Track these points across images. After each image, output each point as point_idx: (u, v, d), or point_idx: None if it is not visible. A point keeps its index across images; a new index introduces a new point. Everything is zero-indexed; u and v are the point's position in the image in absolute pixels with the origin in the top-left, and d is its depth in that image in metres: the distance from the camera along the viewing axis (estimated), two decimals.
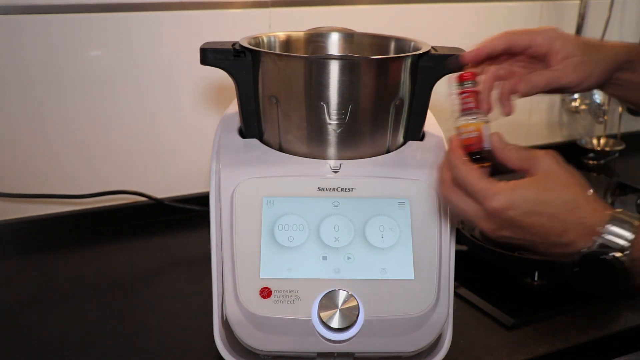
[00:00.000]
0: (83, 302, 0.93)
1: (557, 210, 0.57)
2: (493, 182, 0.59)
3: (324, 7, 1.24)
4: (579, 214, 0.57)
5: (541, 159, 0.60)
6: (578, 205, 0.57)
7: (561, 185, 0.58)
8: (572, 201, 0.57)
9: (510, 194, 0.58)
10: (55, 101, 1.09)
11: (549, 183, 0.58)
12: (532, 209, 0.57)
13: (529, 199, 0.57)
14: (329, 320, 0.67)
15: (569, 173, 0.59)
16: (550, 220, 0.57)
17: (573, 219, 0.57)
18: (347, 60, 0.70)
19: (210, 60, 0.74)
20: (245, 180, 0.71)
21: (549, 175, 0.59)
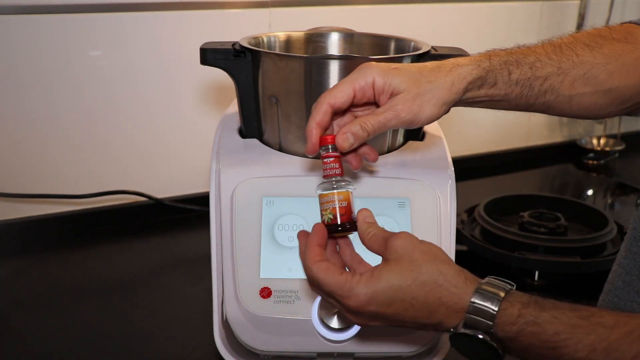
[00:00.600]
0: (83, 302, 0.93)
1: (417, 294, 0.55)
2: (347, 278, 0.56)
3: (324, 7, 1.24)
4: (439, 294, 0.55)
5: (393, 241, 0.57)
6: (437, 284, 0.55)
7: (415, 267, 0.55)
8: (431, 282, 0.55)
9: (365, 289, 0.55)
10: (56, 101, 1.09)
11: (402, 267, 0.55)
12: (392, 297, 0.55)
13: (388, 289, 0.55)
14: (329, 320, 0.67)
15: (424, 252, 0.57)
16: (412, 305, 0.55)
17: (434, 299, 0.55)
18: (347, 60, 0.70)
19: (210, 60, 0.74)
20: (245, 180, 0.71)
21: (402, 258, 0.56)
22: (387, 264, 0.56)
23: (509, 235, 1.03)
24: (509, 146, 1.57)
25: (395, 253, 0.56)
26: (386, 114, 0.60)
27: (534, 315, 0.52)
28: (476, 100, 0.64)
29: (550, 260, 0.98)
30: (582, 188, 1.51)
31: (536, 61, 0.64)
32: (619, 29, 0.67)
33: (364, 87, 0.60)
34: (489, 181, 1.48)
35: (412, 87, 0.60)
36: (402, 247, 0.56)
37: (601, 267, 0.97)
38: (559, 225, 1.06)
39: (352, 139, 0.59)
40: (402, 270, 0.55)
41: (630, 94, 0.66)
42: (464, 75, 0.61)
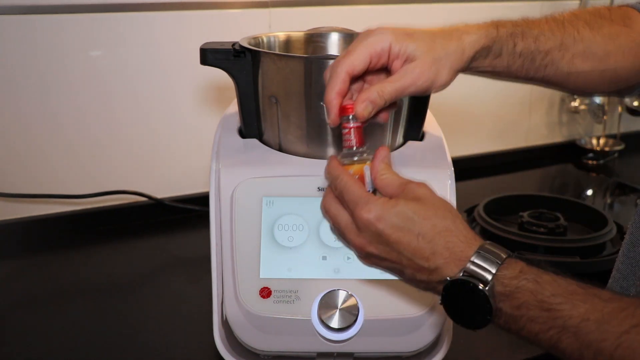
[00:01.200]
0: (83, 302, 0.93)
1: (426, 231, 0.55)
2: (369, 194, 0.58)
3: (324, 7, 1.24)
4: (448, 239, 0.55)
5: (416, 187, 0.58)
6: (448, 230, 0.55)
7: (434, 210, 0.56)
8: (442, 225, 0.55)
9: (382, 207, 0.56)
10: (55, 101, 1.09)
11: (422, 206, 0.56)
12: (402, 224, 0.55)
13: (400, 215, 0.55)
14: (329, 320, 0.67)
15: (443, 202, 0.58)
16: (418, 239, 0.55)
17: (441, 242, 0.55)
18: None
19: (210, 60, 0.74)
20: (245, 180, 0.71)
21: (420, 199, 0.57)
22: (410, 200, 0.57)
23: (509, 235, 1.03)
24: (508, 146, 1.57)
25: (414, 194, 0.57)
26: (403, 81, 0.60)
27: (535, 275, 0.53)
28: (479, 69, 0.65)
29: (550, 260, 0.98)
30: (581, 188, 1.51)
31: (540, 35, 0.65)
32: (617, 11, 0.69)
33: (380, 52, 0.60)
34: (489, 181, 1.48)
35: (427, 53, 0.60)
36: (423, 192, 0.57)
37: (601, 267, 0.97)
38: (559, 225, 1.07)
39: (370, 108, 0.59)
40: (418, 207, 0.56)
41: (624, 75, 0.68)
42: (472, 44, 0.62)
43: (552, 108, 1.60)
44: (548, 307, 0.51)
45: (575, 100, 1.57)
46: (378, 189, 0.59)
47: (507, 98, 1.52)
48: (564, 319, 0.51)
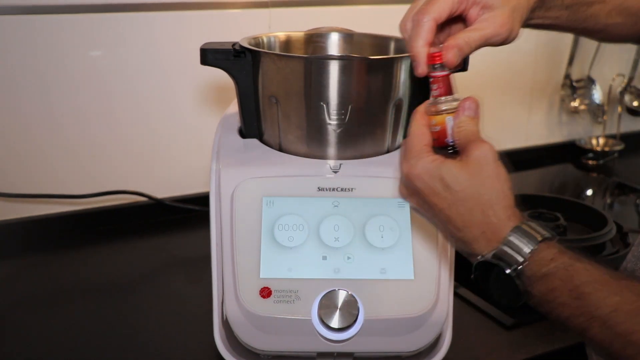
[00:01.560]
0: (83, 302, 0.93)
1: (462, 201, 0.55)
2: (426, 149, 0.57)
3: (324, 7, 1.24)
4: (486, 213, 0.54)
5: (476, 148, 0.56)
6: (488, 204, 0.54)
7: (480, 179, 0.55)
8: (483, 198, 0.54)
9: (424, 166, 0.56)
10: (55, 101, 1.09)
11: (468, 173, 0.55)
12: (439, 189, 0.55)
13: (440, 179, 0.55)
14: (329, 320, 0.67)
15: (496, 170, 0.56)
16: (451, 208, 0.55)
17: (478, 216, 0.54)
18: (346, 61, 0.70)
19: (210, 60, 0.74)
20: (245, 180, 0.71)
21: (474, 163, 0.55)
22: (459, 161, 0.56)
23: None
24: (508, 146, 1.57)
25: (471, 156, 0.56)
26: (487, 30, 0.60)
27: (568, 262, 0.52)
28: (530, 23, 0.66)
29: None
30: (581, 188, 1.51)
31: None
32: None
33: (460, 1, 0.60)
34: None
35: (505, 3, 0.61)
36: (482, 155, 0.56)
37: None
38: (559, 225, 1.07)
39: (459, 55, 0.59)
40: (463, 173, 0.55)
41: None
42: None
43: (552, 108, 1.60)
44: (578, 295, 0.51)
45: (575, 100, 1.57)
46: (454, 142, 0.59)
47: (507, 98, 1.52)
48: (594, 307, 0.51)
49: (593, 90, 1.57)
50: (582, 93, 1.57)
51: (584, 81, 1.57)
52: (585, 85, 1.57)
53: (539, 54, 1.51)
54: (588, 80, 1.57)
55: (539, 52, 1.51)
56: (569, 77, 1.56)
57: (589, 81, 1.57)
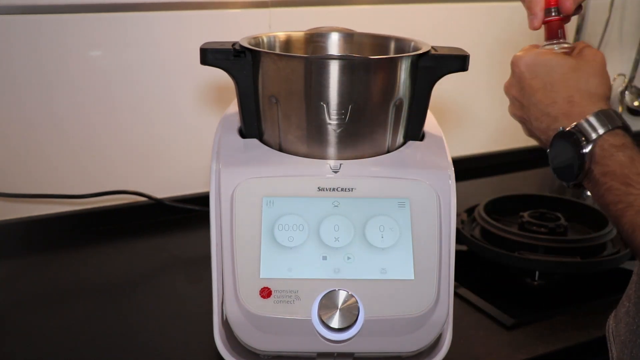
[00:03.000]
0: (83, 302, 0.93)
1: (556, 82, 0.61)
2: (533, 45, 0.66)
3: (324, 7, 1.24)
4: (573, 94, 0.61)
5: (593, 49, 0.63)
6: (578, 87, 0.61)
7: (578, 68, 0.62)
8: (575, 82, 0.61)
9: (531, 53, 0.64)
10: (55, 101, 1.09)
11: (569, 62, 0.62)
12: (539, 71, 0.62)
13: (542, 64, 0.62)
14: (329, 320, 0.67)
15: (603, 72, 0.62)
16: (545, 87, 0.62)
17: (565, 95, 0.61)
18: (347, 60, 0.70)
19: (210, 60, 0.74)
20: (245, 180, 0.71)
21: (587, 59, 0.63)
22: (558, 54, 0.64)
23: (509, 235, 1.03)
24: (509, 146, 1.57)
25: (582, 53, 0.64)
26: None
27: (632, 153, 0.58)
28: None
29: (550, 260, 0.98)
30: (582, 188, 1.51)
31: None
32: None
33: None
34: (489, 181, 1.48)
35: None
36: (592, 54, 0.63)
37: (601, 267, 0.97)
38: (559, 225, 1.06)
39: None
40: (564, 61, 0.62)
41: None
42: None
43: None
44: (627, 182, 0.56)
45: None
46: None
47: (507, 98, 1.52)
48: (634, 196, 0.55)
49: None
50: None
51: None
52: None
53: None
54: None
55: None
56: None
57: None
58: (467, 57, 0.74)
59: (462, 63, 0.74)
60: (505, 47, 1.45)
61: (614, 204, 0.57)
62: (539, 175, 1.57)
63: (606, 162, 0.57)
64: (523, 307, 0.94)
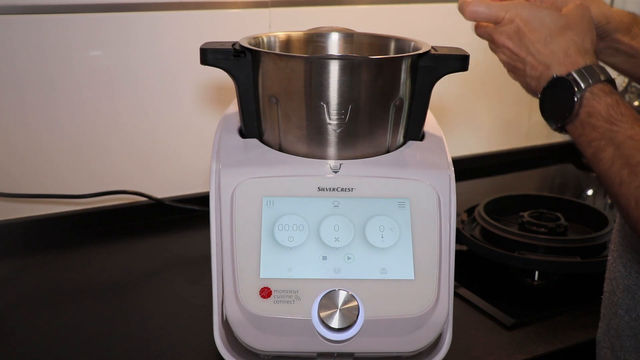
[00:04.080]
0: (83, 302, 0.93)
1: (555, 35, 0.67)
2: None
3: (324, 7, 1.24)
4: (569, 46, 0.66)
5: (578, 6, 0.69)
6: (573, 41, 0.66)
7: (571, 25, 0.67)
8: (570, 37, 0.66)
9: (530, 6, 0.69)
10: (55, 101, 1.09)
11: (563, 18, 0.68)
12: (538, 26, 0.67)
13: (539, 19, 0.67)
14: (329, 320, 0.67)
15: (588, 24, 0.68)
16: (546, 40, 0.67)
17: (562, 46, 0.66)
18: (347, 60, 0.70)
19: (210, 60, 0.74)
20: (245, 180, 0.71)
21: (575, 14, 0.68)
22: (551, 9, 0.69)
23: (509, 235, 1.03)
24: (509, 146, 1.57)
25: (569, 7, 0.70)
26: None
27: (619, 99, 0.63)
28: (618, 48, 0.76)
29: (550, 260, 0.98)
30: (582, 188, 1.51)
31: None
32: None
33: None
34: (489, 181, 1.49)
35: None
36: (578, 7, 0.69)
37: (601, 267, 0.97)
38: (559, 225, 1.06)
39: None
40: (558, 17, 0.68)
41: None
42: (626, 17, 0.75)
43: None
44: (611, 121, 0.62)
45: None
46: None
47: (507, 98, 1.52)
48: (615, 132, 0.61)
49: None
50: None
51: None
52: None
53: None
54: None
55: None
56: None
57: None
58: (467, 57, 0.74)
59: (462, 63, 0.74)
60: None
61: (596, 140, 0.62)
62: (539, 175, 1.57)
63: (593, 104, 0.63)
64: (523, 307, 0.94)
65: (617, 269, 0.76)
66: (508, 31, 0.70)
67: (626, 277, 0.75)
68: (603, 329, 0.80)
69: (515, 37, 0.69)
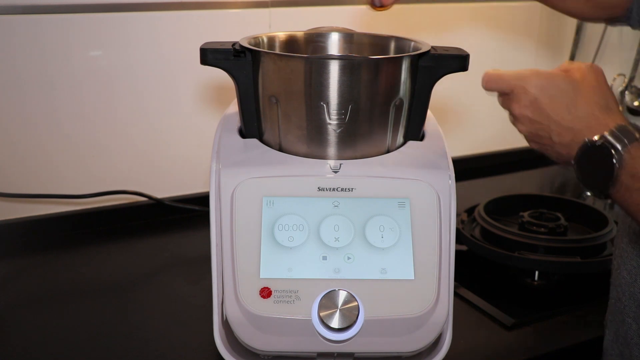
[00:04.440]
0: (83, 302, 0.93)
1: (577, 101, 0.65)
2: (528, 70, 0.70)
3: (324, 7, 1.24)
4: (595, 110, 0.64)
5: (590, 68, 0.67)
6: (598, 104, 0.64)
7: (590, 88, 0.66)
8: (593, 99, 0.65)
9: (543, 76, 0.67)
10: (55, 101, 1.09)
11: (579, 83, 0.66)
12: (556, 94, 0.66)
13: (557, 87, 0.66)
14: (329, 320, 0.67)
15: (603, 87, 0.66)
16: (569, 108, 0.65)
17: (588, 111, 0.64)
18: (347, 60, 0.70)
19: (210, 60, 0.74)
20: (245, 180, 0.71)
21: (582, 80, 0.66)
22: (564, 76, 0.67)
23: (509, 235, 1.03)
24: (509, 146, 1.57)
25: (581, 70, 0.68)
26: None
27: None
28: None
29: (550, 260, 0.98)
30: (582, 188, 1.51)
31: None
32: None
33: None
34: (489, 181, 1.49)
35: None
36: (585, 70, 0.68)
37: (601, 267, 0.97)
38: (559, 225, 1.06)
39: None
40: (575, 82, 0.67)
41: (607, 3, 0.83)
42: None
43: None
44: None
45: None
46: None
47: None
48: None
49: None
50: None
51: None
52: None
53: (539, 54, 1.51)
54: None
55: (539, 51, 1.51)
56: None
57: None
58: (467, 57, 0.74)
59: (462, 63, 0.74)
60: (505, 47, 1.46)
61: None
62: (539, 175, 1.57)
63: (634, 165, 0.60)
64: (523, 307, 0.93)
65: (622, 275, 0.76)
66: (524, 101, 0.68)
67: (631, 284, 0.74)
68: (611, 337, 0.79)
69: (533, 106, 0.67)
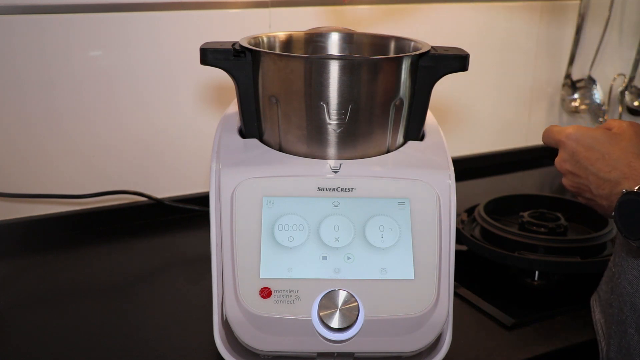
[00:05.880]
0: (83, 302, 0.93)
1: (613, 151, 0.68)
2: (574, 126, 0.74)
3: (324, 7, 1.24)
4: (631, 159, 0.66)
5: (628, 123, 0.71)
6: (634, 153, 0.67)
7: (627, 138, 0.69)
8: (629, 149, 0.67)
9: (579, 129, 0.72)
10: (55, 101, 1.09)
11: (615, 134, 0.70)
12: (592, 144, 0.69)
13: (592, 137, 0.70)
14: (329, 320, 0.67)
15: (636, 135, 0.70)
16: (604, 157, 0.68)
17: (624, 161, 0.67)
18: (347, 60, 0.70)
19: (210, 60, 0.74)
20: (245, 180, 0.71)
21: (627, 130, 0.70)
22: (602, 129, 0.72)
23: (509, 235, 1.03)
24: (509, 146, 1.57)
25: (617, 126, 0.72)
26: None
27: None
28: None
29: (550, 260, 0.98)
30: None
31: None
32: None
33: None
34: (489, 181, 1.48)
35: None
36: (627, 125, 0.72)
37: (601, 267, 0.97)
38: (559, 225, 1.06)
39: None
40: (611, 134, 0.70)
41: None
42: None
43: (552, 108, 1.60)
44: None
45: (576, 100, 1.57)
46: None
47: (507, 98, 1.52)
48: None
49: (594, 90, 1.57)
50: (583, 93, 1.57)
51: (585, 81, 1.57)
52: (585, 85, 1.57)
53: (539, 54, 1.51)
54: (589, 80, 1.57)
55: (539, 51, 1.51)
56: (569, 77, 1.56)
57: (590, 81, 1.57)
58: (467, 57, 0.74)
59: (462, 63, 0.74)
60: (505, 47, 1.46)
61: None
62: (539, 175, 1.57)
63: None
64: (523, 307, 0.93)
65: (623, 285, 0.76)
66: (564, 154, 0.71)
67: (632, 294, 0.74)
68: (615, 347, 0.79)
69: (572, 159, 0.70)
